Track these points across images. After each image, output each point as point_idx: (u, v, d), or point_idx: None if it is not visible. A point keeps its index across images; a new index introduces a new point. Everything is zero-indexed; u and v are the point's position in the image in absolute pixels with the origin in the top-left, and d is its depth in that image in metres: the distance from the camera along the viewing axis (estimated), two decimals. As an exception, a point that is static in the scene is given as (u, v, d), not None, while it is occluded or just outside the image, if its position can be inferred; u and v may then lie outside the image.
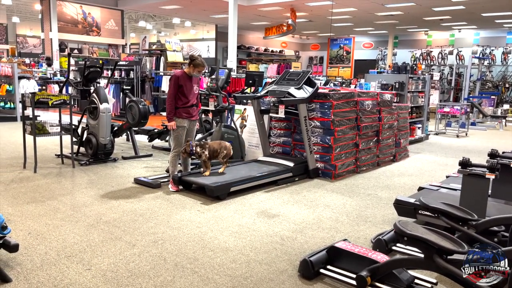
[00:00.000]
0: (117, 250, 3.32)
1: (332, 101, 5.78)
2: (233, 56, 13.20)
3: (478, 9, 14.64)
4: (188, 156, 5.18)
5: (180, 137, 5.09)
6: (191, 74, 5.03)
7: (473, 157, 7.11)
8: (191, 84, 5.06)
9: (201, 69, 5.04)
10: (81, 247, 3.34)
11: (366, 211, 4.54)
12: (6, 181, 5.24)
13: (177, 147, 5.12)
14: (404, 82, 9.13)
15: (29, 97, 5.65)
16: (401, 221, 2.69)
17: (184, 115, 5.03)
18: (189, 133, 5.22)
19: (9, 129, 9.38)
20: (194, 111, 5.15)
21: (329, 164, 5.85)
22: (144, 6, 17.90)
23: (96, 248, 3.34)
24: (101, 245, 3.41)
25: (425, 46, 21.46)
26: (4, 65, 10.90)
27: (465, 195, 3.55)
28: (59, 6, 17.01)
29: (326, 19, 16.76)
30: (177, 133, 5.08)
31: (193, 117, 5.17)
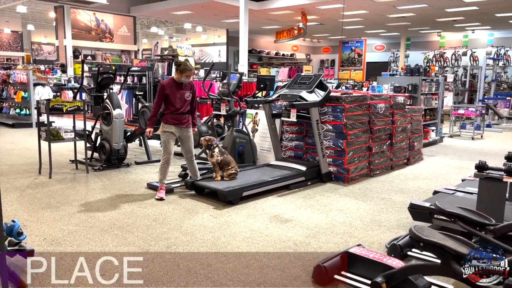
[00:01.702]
0: (131, 255, 3.33)
1: (344, 105, 5.74)
2: (244, 60, 13.23)
3: (492, 9, 14.45)
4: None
5: (166, 143, 4.94)
6: (180, 81, 4.85)
7: (489, 160, 6.95)
8: (181, 91, 4.88)
9: (189, 74, 4.81)
10: (95, 253, 3.36)
11: (380, 216, 4.49)
12: (22, 186, 5.31)
13: (164, 154, 4.96)
14: (417, 84, 9.03)
15: (44, 104, 5.73)
16: (416, 226, 2.65)
17: (170, 121, 4.91)
18: (184, 141, 5.07)
19: (24, 135, 9.53)
20: (184, 118, 4.97)
21: (342, 168, 5.80)
22: (156, 12, 18.10)
23: (109, 253, 3.36)
24: (115, 250, 3.42)
25: (438, 47, 21.22)
26: (20, 72, 11.11)
27: (482, 199, 3.49)
28: (73, 13, 17.28)
29: (337, 22, 16.71)
30: (164, 138, 4.98)
31: (184, 124, 4.97)
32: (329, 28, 20.38)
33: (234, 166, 5.20)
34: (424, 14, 15.69)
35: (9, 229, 3.00)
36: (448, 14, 15.55)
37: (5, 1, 16.92)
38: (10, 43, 22.81)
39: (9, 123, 11.02)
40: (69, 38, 17.06)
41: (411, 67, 9.79)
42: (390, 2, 13.68)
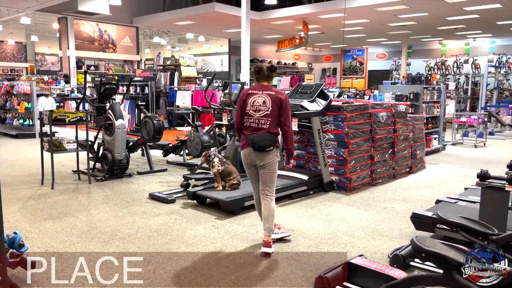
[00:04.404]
0: (132, 267, 3.32)
1: (345, 114, 5.75)
2: (246, 69, 13.28)
3: (493, 17, 14.49)
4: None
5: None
6: None
7: (492, 168, 6.96)
8: None
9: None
10: (96, 264, 3.35)
11: (382, 225, 4.46)
12: (24, 197, 5.32)
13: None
14: (418, 93, 9.03)
15: (47, 115, 5.77)
16: (418, 236, 2.63)
17: None
18: None
19: (27, 145, 9.57)
20: None
21: (344, 177, 5.79)
22: (158, 23, 18.25)
23: (111, 265, 3.35)
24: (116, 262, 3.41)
25: (440, 55, 21.24)
26: (23, 83, 11.19)
27: (485, 208, 3.47)
28: (76, 24, 17.45)
29: (339, 31, 16.79)
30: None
31: None
32: (330, 37, 20.46)
33: (236, 176, 5.20)
34: (425, 22, 15.75)
35: (11, 241, 3.00)
36: (449, 22, 15.60)
37: (9, 13, 17.10)
38: (14, 54, 23.03)
39: (12, 134, 11.08)
40: (73, 48, 17.22)
41: (413, 76, 9.80)
42: (391, 11, 13.75)
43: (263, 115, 3.59)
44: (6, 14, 17.38)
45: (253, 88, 3.73)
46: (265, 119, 3.60)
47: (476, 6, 12.74)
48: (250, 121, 3.64)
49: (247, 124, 3.65)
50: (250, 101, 3.65)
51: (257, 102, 3.62)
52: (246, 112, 3.65)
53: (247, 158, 3.70)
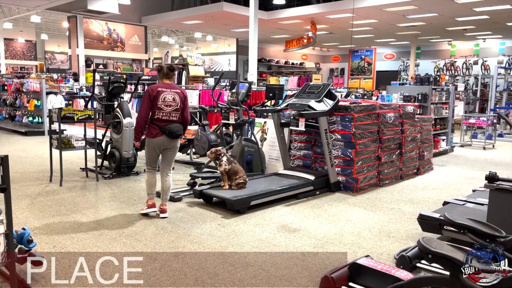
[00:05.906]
0: (138, 264, 3.34)
1: (353, 114, 5.73)
2: (254, 69, 13.30)
3: (503, 18, 14.36)
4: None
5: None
6: None
7: (501, 170, 6.90)
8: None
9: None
10: (103, 261, 3.38)
11: (389, 226, 4.45)
12: (33, 194, 5.38)
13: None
14: (427, 94, 8.97)
15: (56, 112, 5.82)
16: (425, 237, 2.62)
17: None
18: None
19: (36, 143, 9.66)
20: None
21: (351, 178, 5.77)
22: (166, 22, 18.34)
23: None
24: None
25: (449, 56, 21.08)
26: (33, 81, 11.29)
27: (493, 210, 3.44)
28: (85, 23, 17.58)
29: (347, 31, 16.74)
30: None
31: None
32: (338, 37, 20.41)
33: (243, 175, 5.20)
34: (434, 23, 15.65)
35: (20, 237, 3.04)
36: (459, 23, 15.48)
37: (20, 11, 17.28)
38: (24, 52, 23.26)
39: (22, 131, 11.18)
40: (82, 47, 17.35)
41: (421, 77, 9.74)
42: (400, 11, 13.68)
43: (174, 110, 4.41)
44: (16, 13, 17.56)
45: (161, 86, 4.44)
46: (175, 113, 4.43)
47: (486, 7, 12.63)
48: (162, 114, 4.37)
49: (159, 117, 4.37)
50: (161, 97, 4.35)
51: (168, 98, 4.38)
52: (158, 106, 4.35)
53: (161, 145, 4.43)
